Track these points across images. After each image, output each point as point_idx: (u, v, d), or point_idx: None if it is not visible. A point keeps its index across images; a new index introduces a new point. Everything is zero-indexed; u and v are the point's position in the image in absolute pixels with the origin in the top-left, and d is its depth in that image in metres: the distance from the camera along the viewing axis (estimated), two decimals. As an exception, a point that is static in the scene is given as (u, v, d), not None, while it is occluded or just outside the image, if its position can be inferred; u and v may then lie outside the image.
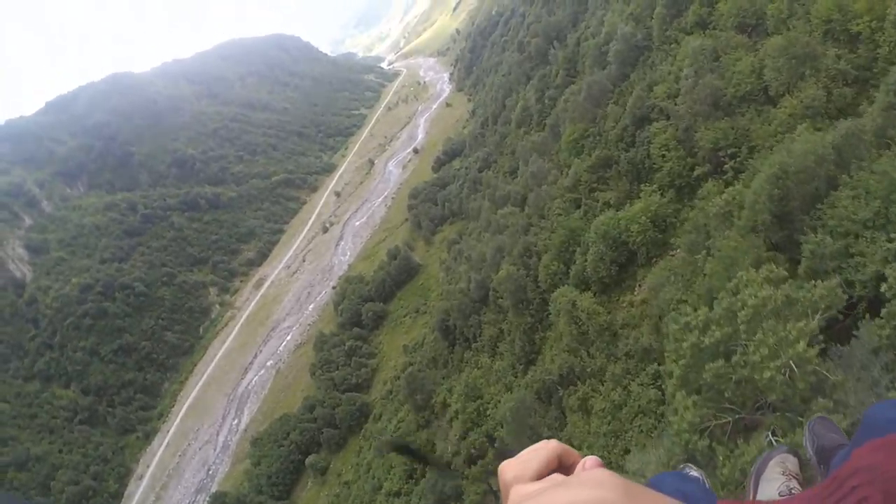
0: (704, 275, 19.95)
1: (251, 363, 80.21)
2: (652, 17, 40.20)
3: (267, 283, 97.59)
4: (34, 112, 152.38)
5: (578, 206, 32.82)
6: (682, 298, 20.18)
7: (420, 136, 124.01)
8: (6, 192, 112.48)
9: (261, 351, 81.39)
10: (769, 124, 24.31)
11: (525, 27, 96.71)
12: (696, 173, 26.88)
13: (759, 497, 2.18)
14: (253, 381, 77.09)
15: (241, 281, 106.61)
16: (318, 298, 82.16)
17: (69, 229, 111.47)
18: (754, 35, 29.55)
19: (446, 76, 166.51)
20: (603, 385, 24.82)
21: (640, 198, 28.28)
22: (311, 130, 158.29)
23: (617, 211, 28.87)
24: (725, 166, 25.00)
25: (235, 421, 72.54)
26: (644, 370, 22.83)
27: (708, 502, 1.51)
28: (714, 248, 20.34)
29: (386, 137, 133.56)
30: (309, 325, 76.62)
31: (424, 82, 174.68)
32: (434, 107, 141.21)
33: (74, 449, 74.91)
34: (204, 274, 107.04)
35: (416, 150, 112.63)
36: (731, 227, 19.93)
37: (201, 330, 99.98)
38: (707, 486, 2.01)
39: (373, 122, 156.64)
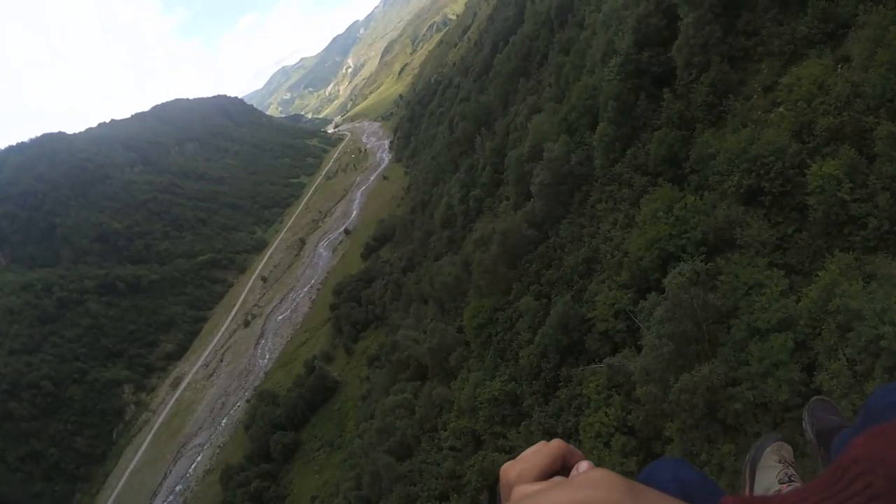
0: None
1: (160, 486, 72.14)
2: (593, 132, 29.19)
3: (183, 384, 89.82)
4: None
5: (479, 446, 24.45)
6: None
7: (354, 212, 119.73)
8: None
9: (170, 471, 73.43)
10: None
11: (458, 101, 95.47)
12: None
13: (757, 484, 2.10)
14: (159, 510, 69.06)
15: (159, 377, 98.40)
16: (231, 411, 75.19)
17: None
18: (777, 211, 16.89)
19: (387, 143, 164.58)
20: None
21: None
22: (246, 202, 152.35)
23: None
24: None
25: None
26: None
27: (706, 490, 1.53)
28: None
29: (320, 212, 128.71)
30: (219, 446, 69.39)
31: (365, 149, 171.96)
32: (372, 178, 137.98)
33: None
34: (119, 369, 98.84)
35: (347, 232, 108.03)
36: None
37: (114, 434, 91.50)
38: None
39: (310, 192, 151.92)
